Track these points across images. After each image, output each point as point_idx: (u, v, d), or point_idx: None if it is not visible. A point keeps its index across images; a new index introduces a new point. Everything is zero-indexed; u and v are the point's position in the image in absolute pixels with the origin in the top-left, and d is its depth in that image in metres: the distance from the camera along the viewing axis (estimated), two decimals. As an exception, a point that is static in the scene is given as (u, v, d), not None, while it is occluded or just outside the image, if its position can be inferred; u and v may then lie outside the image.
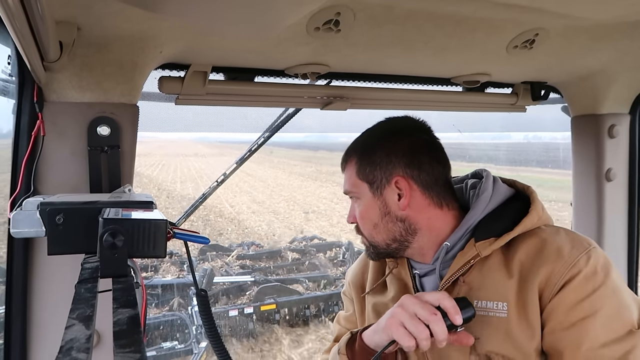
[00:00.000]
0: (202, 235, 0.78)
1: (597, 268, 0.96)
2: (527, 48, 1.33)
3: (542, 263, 0.98)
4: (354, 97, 1.59)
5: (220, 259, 11.25)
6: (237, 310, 8.21)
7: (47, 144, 1.07)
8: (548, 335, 0.97)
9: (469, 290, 1.04)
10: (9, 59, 1.09)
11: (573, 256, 0.97)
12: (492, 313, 1.00)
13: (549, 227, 1.07)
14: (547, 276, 0.97)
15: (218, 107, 1.54)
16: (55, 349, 0.41)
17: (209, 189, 1.96)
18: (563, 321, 0.95)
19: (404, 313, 0.96)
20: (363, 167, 1.14)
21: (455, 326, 0.94)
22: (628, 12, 1.16)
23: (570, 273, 0.95)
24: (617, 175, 1.88)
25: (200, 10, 1.00)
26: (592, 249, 0.99)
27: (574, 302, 0.94)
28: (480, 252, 1.03)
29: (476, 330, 1.01)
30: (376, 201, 1.13)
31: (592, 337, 0.92)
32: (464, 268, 1.05)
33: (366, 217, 1.15)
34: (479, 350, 1.01)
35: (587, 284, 0.95)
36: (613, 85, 1.76)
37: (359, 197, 1.16)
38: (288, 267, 11.23)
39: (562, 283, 0.95)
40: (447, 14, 1.12)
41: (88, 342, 0.43)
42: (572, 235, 1.04)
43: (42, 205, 0.74)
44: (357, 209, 1.17)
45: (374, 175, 1.12)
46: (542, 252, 1.00)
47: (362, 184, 1.14)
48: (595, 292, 0.94)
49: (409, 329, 0.95)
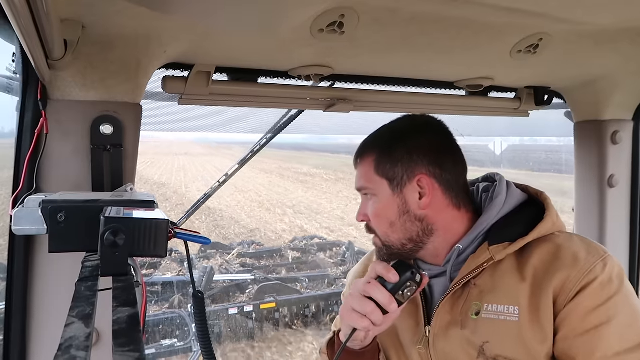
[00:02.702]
0: (203, 236, 0.78)
1: (613, 276, 0.96)
2: (531, 53, 1.33)
3: (557, 269, 0.97)
4: (357, 100, 1.59)
5: (221, 257, 11.26)
6: (236, 308, 8.23)
7: (50, 141, 1.07)
8: (561, 342, 0.96)
9: (480, 294, 1.04)
10: (14, 56, 1.09)
11: (589, 262, 0.96)
12: (503, 317, 0.99)
13: (562, 233, 1.06)
14: (563, 282, 0.96)
15: (220, 107, 1.54)
16: (55, 346, 0.41)
17: (210, 189, 1.96)
18: (577, 328, 0.94)
19: (351, 298, 1.00)
20: (383, 164, 1.10)
21: (397, 287, 0.97)
22: (632, 17, 1.16)
23: (586, 279, 0.94)
24: (620, 181, 1.87)
25: (205, 10, 1.01)
26: (607, 257, 0.98)
27: (589, 309, 0.93)
28: (494, 256, 1.02)
29: (486, 334, 1.00)
30: (395, 199, 1.09)
31: (606, 345, 0.91)
32: (475, 271, 1.04)
33: (382, 215, 1.11)
34: (487, 354, 1.00)
35: (602, 291, 0.94)
36: (616, 91, 1.75)
37: (374, 194, 1.11)
38: (288, 266, 11.23)
39: (577, 289, 0.94)
40: (451, 18, 1.11)
41: (87, 341, 0.43)
42: (587, 242, 1.03)
43: (44, 203, 0.74)
44: (370, 206, 1.13)
45: (394, 172, 1.09)
46: (558, 257, 0.99)
47: (380, 180, 1.10)
48: (610, 300, 0.93)
49: (357, 310, 0.97)
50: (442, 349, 1.06)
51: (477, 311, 1.03)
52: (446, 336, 1.06)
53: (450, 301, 1.07)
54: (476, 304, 1.03)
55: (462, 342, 1.03)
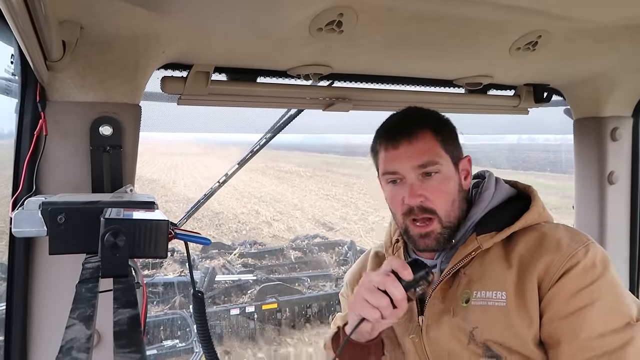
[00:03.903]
0: (203, 236, 0.78)
1: (596, 261, 0.98)
2: (530, 50, 1.32)
3: (541, 254, 1.00)
4: (356, 99, 1.59)
5: (222, 257, 11.26)
6: (238, 309, 8.22)
7: (50, 143, 1.07)
8: (546, 325, 0.98)
9: (469, 282, 1.06)
10: (12, 58, 1.09)
11: (572, 248, 0.99)
12: (492, 302, 1.02)
13: (549, 223, 1.10)
14: (547, 266, 0.99)
15: (219, 107, 1.54)
16: (56, 348, 0.41)
17: (210, 190, 1.96)
18: (561, 310, 0.96)
19: (363, 289, 1.00)
20: (444, 139, 1.09)
21: (411, 285, 0.99)
22: (631, 14, 1.16)
23: (569, 263, 0.97)
24: (620, 178, 1.87)
25: (203, 10, 1.00)
26: (590, 243, 1.01)
27: (573, 292, 0.96)
28: (481, 245, 1.05)
29: (475, 319, 1.02)
30: (455, 176, 1.10)
31: (590, 327, 0.93)
32: (464, 260, 1.06)
33: (449, 193, 1.07)
34: (477, 339, 1.02)
35: (585, 275, 0.96)
36: (616, 88, 1.75)
37: (439, 170, 1.06)
38: (290, 265, 11.23)
39: (561, 273, 0.97)
40: (450, 16, 1.11)
41: (88, 342, 0.43)
42: (572, 230, 1.07)
43: (44, 205, 0.74)
44: (433, 183, 1.06)
45: (454, 147, 1.11)
46: (542, 244, 1.02)
47: (445, 155, 1.09)
48: (594, 284, 0.96)
49: (370, 301, 0.98)
50: (435, 337, 1.09)
51: (467, 299, 1.05)
52: (438, 324, 1.08)
53: (441, 290, 1.09)
54: (466, 292, 1.05)
55: (453, 329, 1.05)
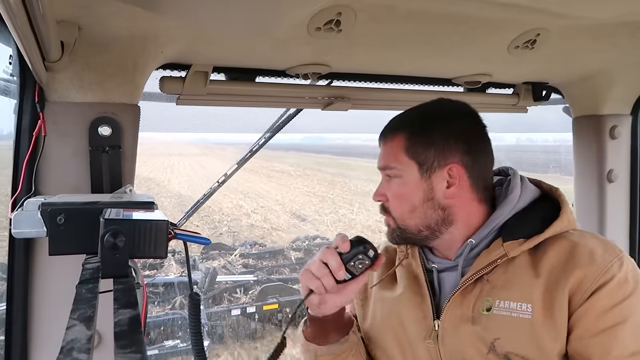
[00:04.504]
0: (203, 237, 0.78)
1: (629, 276, 0.94)
2: (529, 48, 1.32)
3: (574, 267, 0.96)
4: (355, 98, 1.58)
5: (223, 258, 11.27)
6: (239, 309, 8.22)
7: (48, 144, 1.07)
8: (575, 341, 0.94)
9: (492, 289, 1.02)
10: (10, 58, 1.09)
11: (607, 261, 0.95)
12: (516, 314, 0.98)
13: (576, 230, 1.05)
14: (579, 280, 0.94)
15: (218, 107, 1.54)
16: (56, 349, 0.41)
17: (210, 190, 1.96)
18: (592, 327, 0.92)
19: (310, 262, 1.05)
20: (415, 146, 1.06)
21: (349, 257, 1.02)
22: (629, 11, 1.16)
23: (603, 278, 0.93)
24: (619, 176, 1.87)
25: (201, 10, 1.00)
26: (623, 255, 0.97)
27: (605, 309, 0.92)
28: (508, 253, 1.01)
29: (497, 330, 0.99)
30: (422, 184, 1.06)
31: (622, 345, 0.90)
32: (488, 267, 1.02)
33: (404, 198, 1.07)
34: (498, 350, 0.98)
35: (619, 290, 0.93)
36: (615, 86, 1.75)
37: (399, 175, 1.07)
38: (291, 266, 11.23)
39: (594, 288, 0.93)
40: (448, 14, 1.11)
41: (89, 343, 0.43)
42: (603, 240, 1.02)
43: (44, 206, 0.74)
44: (393, 187, 1.09)
45: (426, 156, 1.05)
46: (574, 255, 0.97)
47: (409, 162, 1.07)
48: (627, 300, 0.92)
49: (313, 271, 1.02)
50: (452, 344, 1.05)
51: (488, 307, 1.01)
52: (456, 331, 1.04)
53: (461, 296, 1.05)
54: (488, 300, 1.01)
55: (472, 338, 1.01)
